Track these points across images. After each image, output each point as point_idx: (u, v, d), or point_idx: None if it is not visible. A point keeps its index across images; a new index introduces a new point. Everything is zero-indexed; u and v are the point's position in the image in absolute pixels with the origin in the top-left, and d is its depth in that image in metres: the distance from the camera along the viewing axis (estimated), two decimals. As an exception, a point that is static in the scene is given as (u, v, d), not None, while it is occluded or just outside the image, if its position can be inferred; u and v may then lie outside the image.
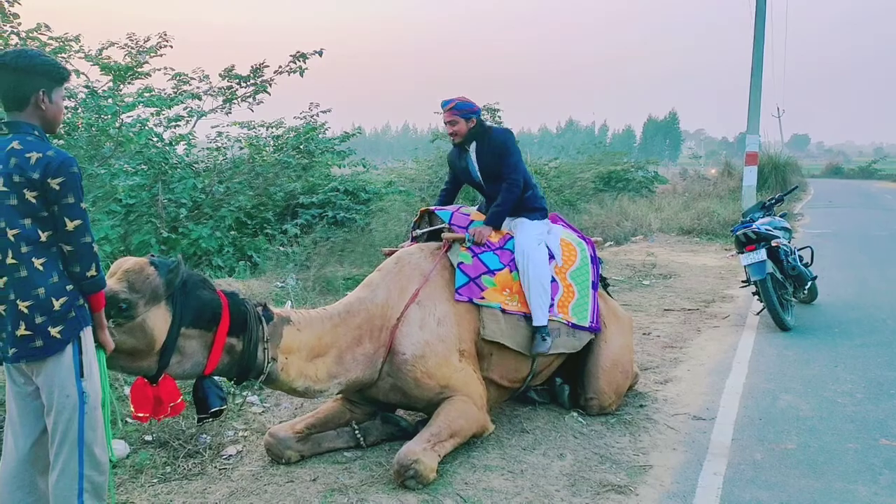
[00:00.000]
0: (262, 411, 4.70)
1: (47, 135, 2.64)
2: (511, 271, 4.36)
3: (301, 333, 3.65)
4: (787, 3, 43.71)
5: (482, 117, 4.71)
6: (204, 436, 4.13)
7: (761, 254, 6.91)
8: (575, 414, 4.63)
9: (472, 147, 4.62)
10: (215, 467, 3.85)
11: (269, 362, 3.48)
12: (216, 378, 3.42)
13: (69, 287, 2.53)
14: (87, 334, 2.61)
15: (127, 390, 4.70)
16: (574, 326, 4.49)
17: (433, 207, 4.68)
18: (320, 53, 10.35)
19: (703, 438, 4.33)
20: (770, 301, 6.86)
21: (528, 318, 4.31)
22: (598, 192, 20.17)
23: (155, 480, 3.68)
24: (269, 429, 4.04)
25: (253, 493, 3.55)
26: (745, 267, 7.11)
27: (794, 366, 5.86)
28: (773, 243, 7.00)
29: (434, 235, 4.55)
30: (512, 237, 4.52)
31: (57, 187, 2.45)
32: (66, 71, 2.69)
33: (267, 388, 3.97)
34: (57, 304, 2.49)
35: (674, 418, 4.66)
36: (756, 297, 7.29)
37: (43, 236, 2.49)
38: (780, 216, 8.09)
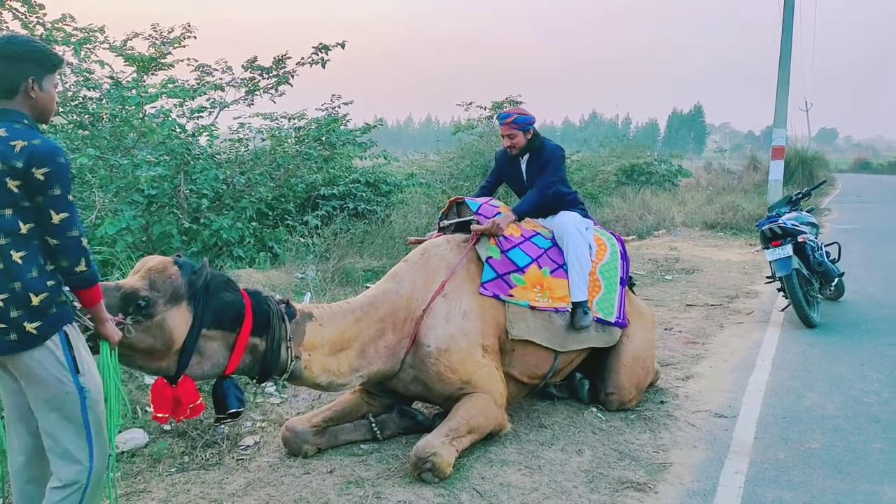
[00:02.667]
0: (280, 402, 4.70)
1: (40, 125, 2.54)
2: (540, 267, 4.33)
3: (324, 329, 3.62)
4: (817, -6, 42.85)
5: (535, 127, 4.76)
6: (222, 427, 4.14)
7: (787, 249, 6.79)
8: (594, 410, 4.58)
9: (525, 159, 4.74)
10: (233, 458, 3.86)
11: (292, 360, 3.45)
12: (236, 378, 3.40)
13: (50, 283, 2.43)
14: (72, 331, 2.52)
15: (148, 380, 4.74)
16: (599, 321, 4.47)
17: (463, 197, 4.65)
18: (343, 45, 10.32)
19: (724, 436, 4.26)
20: (795, 297, 6.74)
21: (559, 312, 4.31)
22: (620, 186, 19.99)
23: (173, 470, 3.70)
24: (286, 421, 4.03)
25: (269, 485, 3.55)
26: (770, 262, 7.00)
27: (819, 363, 5.75)
28: (800, 239, 6.88)
29: (461, 227, 4.52)
30: (538, 233, 4.52)
31: (42, 178, 2.33)
32: (57, 58, 2.57)
33: (290, 384, 3.92)
34: (36, 300, 2.38)
35: (695, 415, 4.59)
36: (781, 293, 7.17)
37: (23, 228, 2.37)
38: (807, 211, 7.95)
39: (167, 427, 4.11)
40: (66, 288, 2.52)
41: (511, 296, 4.15)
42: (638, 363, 4.62)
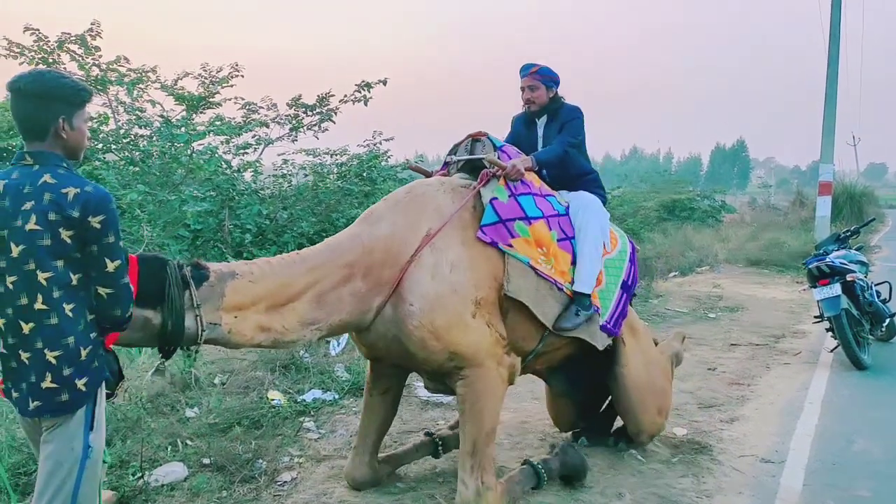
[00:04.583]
0: (318, 438, 4.71)
1: (70, 161, 2.39)
2: (550, 228, 3.79)
3: (255, 285, 3.08)
4: (864, 25, 42.32)
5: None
6: (260, 461, 4.17)
7: (835, 289, 6.62)
8: (634, 452, 4.48)
9: (542, 121, 4.30)
10: (270, 493, 3.86)
11: (203, 329, 2.90)
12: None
13: (93, 335, 2.34)
14: (103, 385, 2.42)
15: (189, 412, 4.81)
16: (596, 311, 3.94)
17: (486, 133, 4.02)
18: (384, 83, 10.55)
19: (771, 483, 4.12)
20: (845, 338, 6.55)
21: (560, 288, 3.76)
22: (661, 221, 19.84)
23: (211, 504, 3.72)
24: (346, 473, 3.90)
25: (305, 522, 3.54)
26: (818, 302, 6.84)
27: (869, 407, 5.56)
28: (848, 278, 6.71)
29: (471, 170, 3.98)
30: (554, 196, 4.04)
31: (98, 226, 2.24)
32: (86, 92, 2.43)
33: (227, 348, 3.33)
34: (84, 354, 2.29)
35: (740, 460, 4.46)
36: (830, 333, 6.97)
37: (74, 279, 2.26)
38: (856, 249, 7.75)
39: (206, 461, 4.15)
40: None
41: (510, 246, 3.57)
42: (647, 392, 4.28)
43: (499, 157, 3.75)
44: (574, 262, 3.88)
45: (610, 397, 4.54)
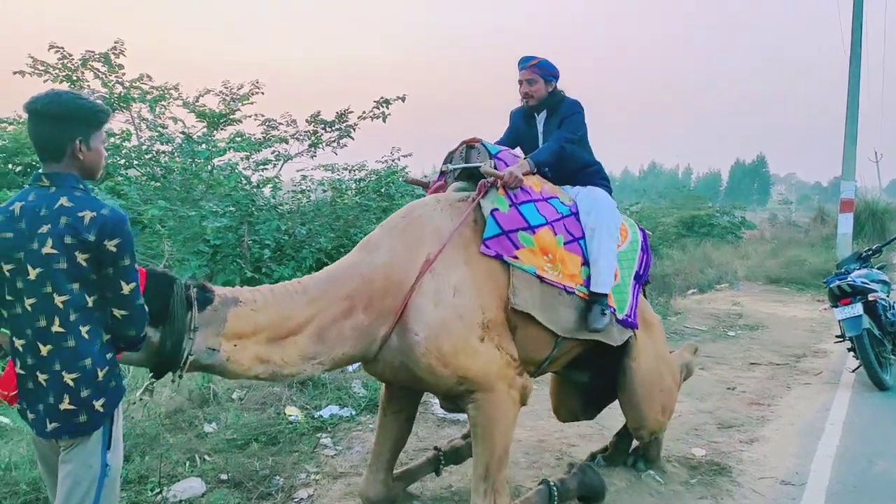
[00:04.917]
0: (335, 454, 4.72)
1: (87, 181, 2.38)
2: (555, 234, 3.69)
3: (258, 314, 2.98)
4: (885, 38, 42.00)
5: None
6: (277, 477, 4.18)
7: (857, 308, 6.55)
8: (652, 473, 4.44)
9: (541, 117, 4.16)
10: (286, 510, 3.88)
11: (190, 354, 2.77)
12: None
13: (109, 355, 2.35)
14: (120, 405, 2.43)
15: (207, 427, 4.84)
16: (612, 312, 3.85)
17: (480, 139, 3.89)
18: (403, 99, 10.65)
19: (791, 506, 4.07)
20: (867, 358, 6.47)
21: (570, 292, 3.67)
22: (680, 237, 19.73)
23: (228, 521, 3.73)
24: (361, 492, 3.84)
25: (321, 540, 3.55)
26: (839, 321, 6.77)
27: (892, 428, 5.48)
28: (870, 297, 6.63)
29: (469, 177, 3.87)
30: (556, 196, 3.91)
31: (114, 249, 2.24)
32: (104, 113, 2.40)
33: (223, 377, 3.22)
34: (101, 375, 2.29)
35: (760, 482, 4.40)
36: (851, 353, 6.88)
37: (90, 301, 2.27)
38: (878, 268, 7.67)
39: (224, 476, 4.17)
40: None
41: (516, 258, 3.48)
42: (654, 388, 4.17)
43: (495, 165, 3.65)
44: (585, 263, 3.80)
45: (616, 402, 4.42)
